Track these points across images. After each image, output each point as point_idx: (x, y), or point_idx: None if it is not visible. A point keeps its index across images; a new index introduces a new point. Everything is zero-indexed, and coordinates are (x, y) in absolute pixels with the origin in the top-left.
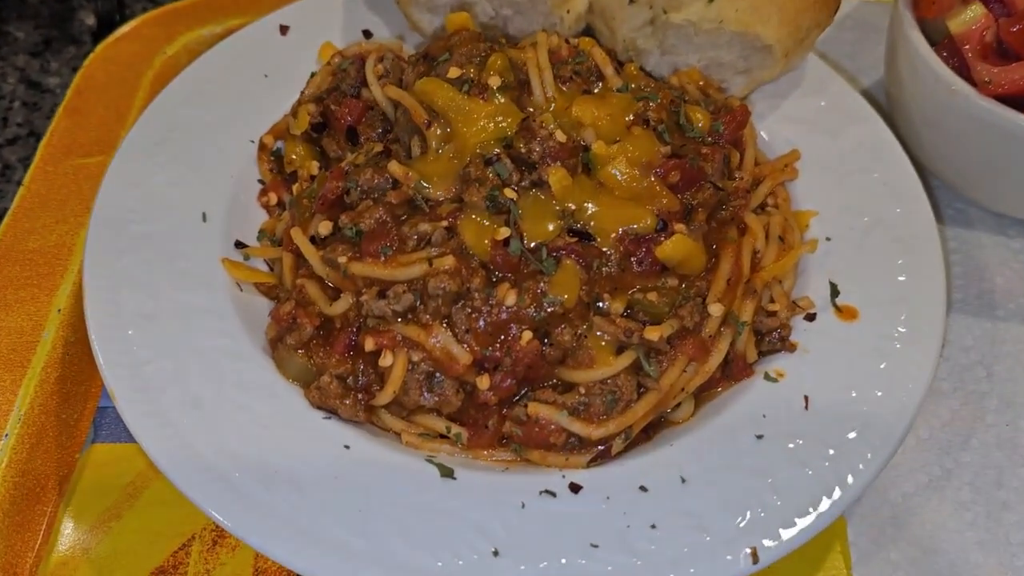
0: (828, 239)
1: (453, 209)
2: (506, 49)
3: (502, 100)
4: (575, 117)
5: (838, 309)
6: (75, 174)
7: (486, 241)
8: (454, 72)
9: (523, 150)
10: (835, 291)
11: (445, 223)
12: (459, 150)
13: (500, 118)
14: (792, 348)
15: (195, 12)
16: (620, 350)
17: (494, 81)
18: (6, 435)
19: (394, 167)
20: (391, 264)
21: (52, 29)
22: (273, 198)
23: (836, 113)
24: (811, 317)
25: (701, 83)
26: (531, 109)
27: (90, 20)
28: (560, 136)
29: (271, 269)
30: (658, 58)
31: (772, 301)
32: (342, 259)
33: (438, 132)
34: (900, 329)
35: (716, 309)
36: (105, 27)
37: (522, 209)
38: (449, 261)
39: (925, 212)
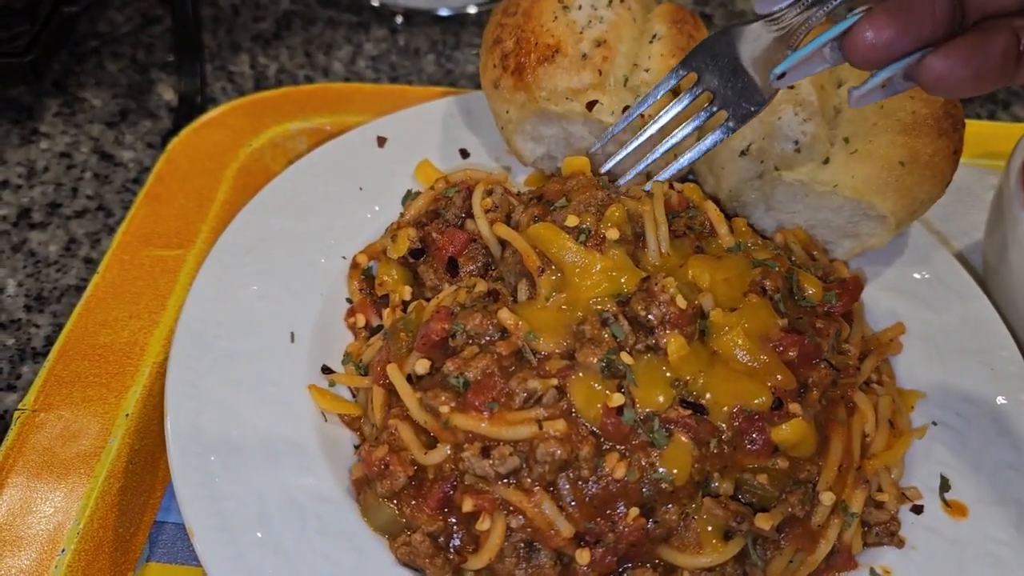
0: (934, 423)
1: (563, 367)
2: (623, 199)
3: (618, 253)
4: (691, 279)
5: (947, 504)
6: (151, 266)
7: (598, 406)
8: (572, 220)
9: (642, 313)
10: (945, 485)
11: (555, 381)
12: (571, 301)
13: (615, 273)
14: (900, 544)
15: (282, 104)
16: (727, 534)
17: (612, 234)
18: (63, 550)
19: (504, 316)
20: (498, 421)
21: (129, 100)
22: (361, 319)
23: (941, 287)
24: (918, 509)
25: (806, 243)
26: (648, 267)
27: (168, 95)
28: (681, 302)
29: (354, 396)
30: (763, 212)
31: (880, 490)
32: (444, 409)
33: (551, 279)
34: (1011, 532)
35: (827, 498)
36: (185, 105)
37: (636, 375)
38: (560, 425)
39: None
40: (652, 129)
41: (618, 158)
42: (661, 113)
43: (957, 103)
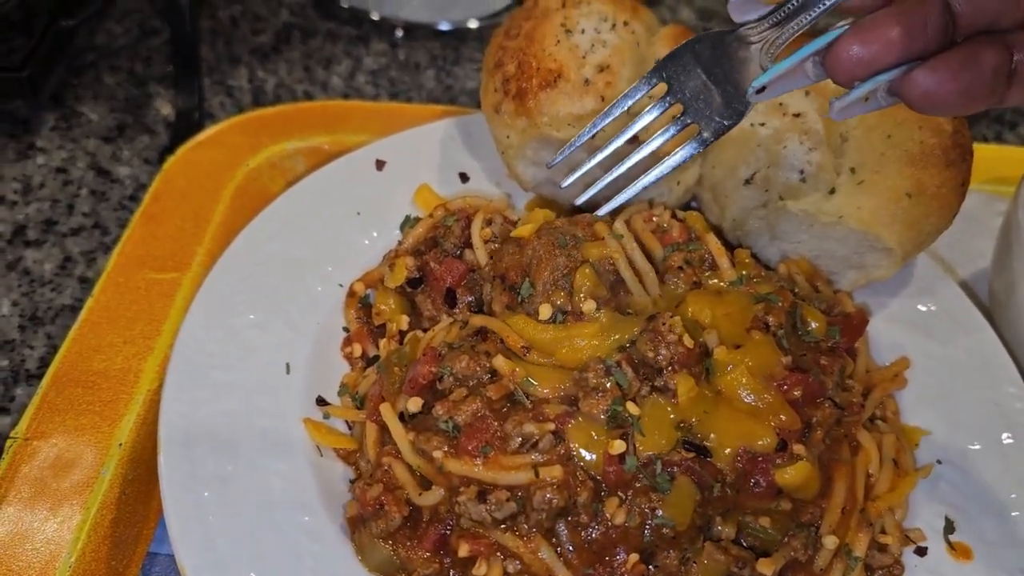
0: (939, 462)
1: (562, 413)
2: (585, 247)
3: (603, 314)
4: (692, 316)
5: (951, 546)
6: (147, 290)
7: (599, 452)
8: (545, 311)
9: (649, 354)
10: (950, 527)
11: (552, 426)
12: (568, 362)
13: (605, 334)
14: None
15: (280, 122)
16: None
17: (588, 307)
18: None
19: (500, 363)
20: (493, 466)
21: (127, 115)
22: (357, 349)
23: (947, 319)
24: (922, 551)
25: (810, 274)
26: (641, 307)
27: (166, 110)
28: (688, 341)
29: (350, 428)
30: (767, 241)
31: (883, 532)
32: (437, 453)
33: (539, 359)
34: (1017, 575)
35: (831, 542)
36: (183, 121)
37: (642, 422)
38: (557, 472)
39: None
40: (617, 143)
41: (577, 175)
42: (627, 127)
43: (966, 132)
